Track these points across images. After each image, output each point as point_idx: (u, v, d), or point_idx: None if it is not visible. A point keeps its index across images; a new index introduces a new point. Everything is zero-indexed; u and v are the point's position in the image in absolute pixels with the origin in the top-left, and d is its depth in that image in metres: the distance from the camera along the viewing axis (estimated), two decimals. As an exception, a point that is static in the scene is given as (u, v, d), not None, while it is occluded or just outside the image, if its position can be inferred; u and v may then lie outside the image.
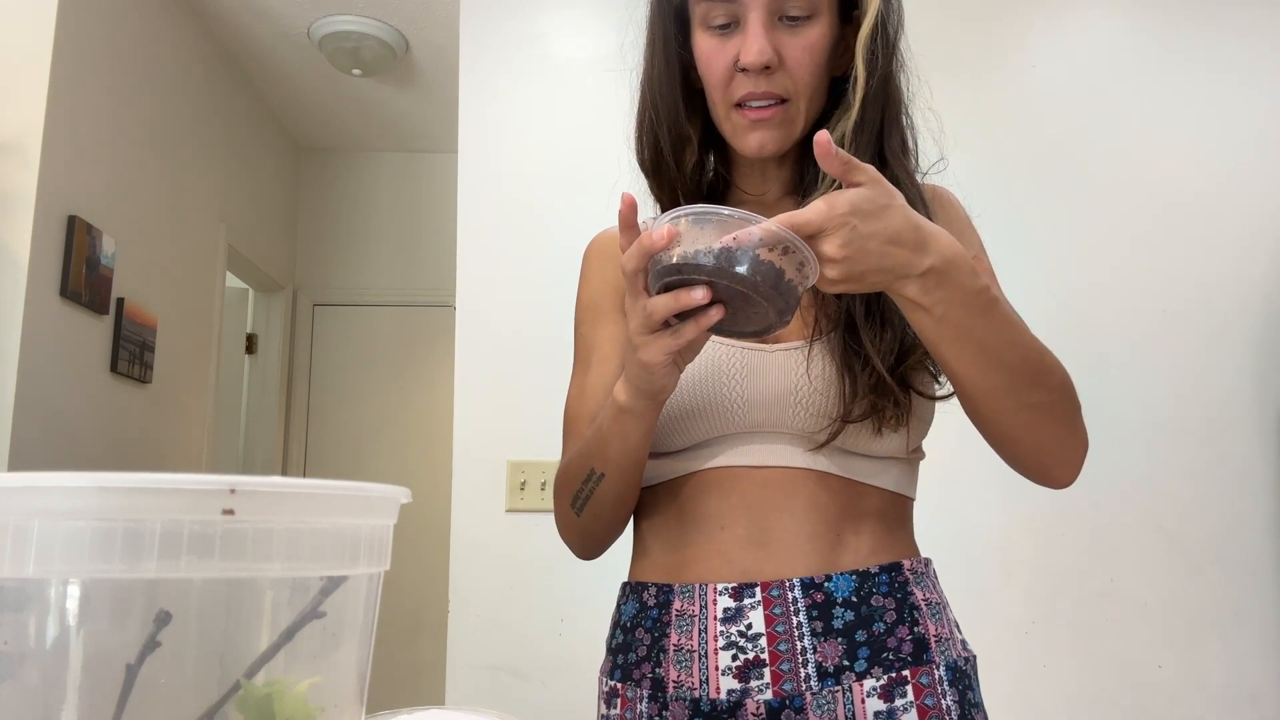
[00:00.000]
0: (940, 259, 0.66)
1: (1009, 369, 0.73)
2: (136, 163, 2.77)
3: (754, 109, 0.84)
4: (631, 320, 0.69)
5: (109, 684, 0.33)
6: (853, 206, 0.62)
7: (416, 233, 4.23)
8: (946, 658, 0.81)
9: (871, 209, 0.63)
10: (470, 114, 2.29)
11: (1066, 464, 0.80)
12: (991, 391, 0.74)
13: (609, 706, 0.88)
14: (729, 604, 0.80)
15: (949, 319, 0.68)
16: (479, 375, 2.18)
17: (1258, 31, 2.32)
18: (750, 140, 0.86)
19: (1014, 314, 0.74)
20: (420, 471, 3.91)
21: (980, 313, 0.69)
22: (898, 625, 0.80)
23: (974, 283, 0.68)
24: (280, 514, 0.35)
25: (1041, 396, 0.75)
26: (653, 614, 0.85)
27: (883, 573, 0.81)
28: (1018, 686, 2.09)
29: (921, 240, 0.65)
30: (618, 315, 0.92)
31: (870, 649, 0.79)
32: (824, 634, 0.78)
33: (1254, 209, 2.26)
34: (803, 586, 0.79)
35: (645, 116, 0.94)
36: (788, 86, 0.84)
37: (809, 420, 0.81)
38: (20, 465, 2.16)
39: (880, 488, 0.84)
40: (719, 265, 0.61)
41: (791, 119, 0.86)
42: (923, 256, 0.65)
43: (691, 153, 0.93)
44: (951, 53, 2.29)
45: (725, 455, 0.83)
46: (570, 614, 2.08)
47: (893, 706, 0.78)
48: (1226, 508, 2.16)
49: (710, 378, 0.82)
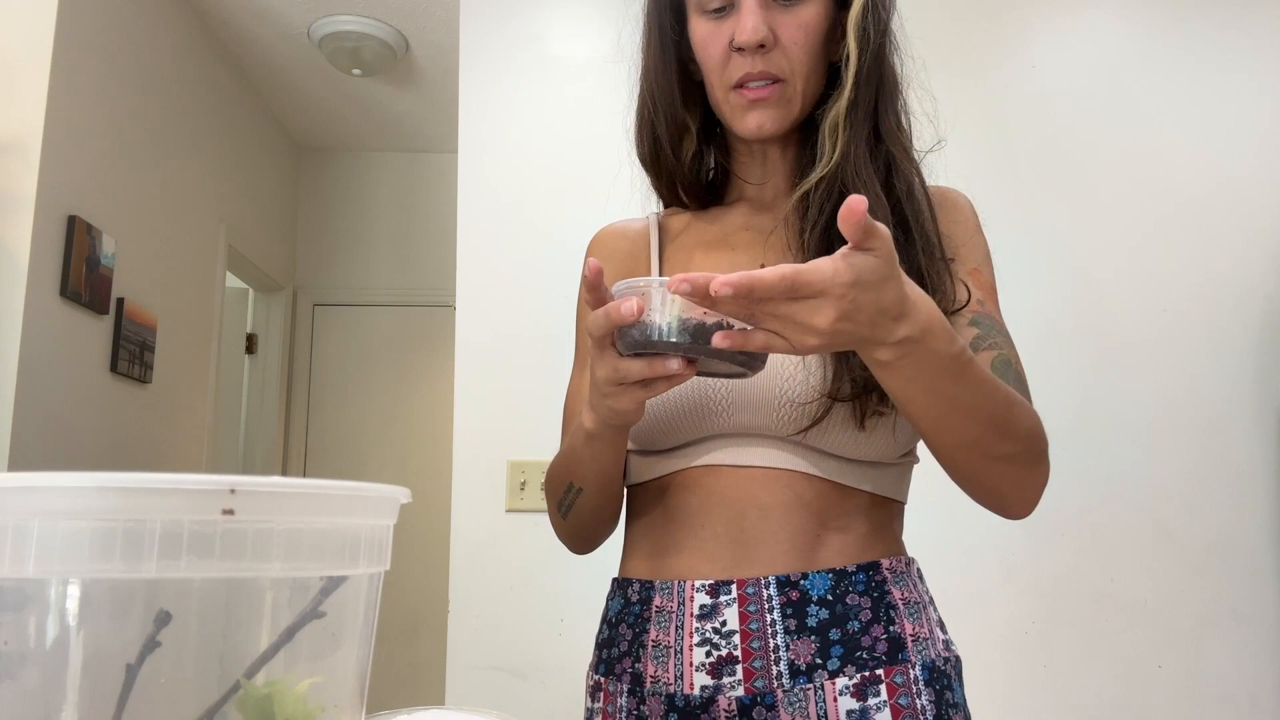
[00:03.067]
0: (916, 329, 0.63)
1: (976, 425, 0.72)
2: (136, 163, 2.77)
3: (751, 89, 0.85)
4: (599, 371, 0.69)
5: (109, 684, 0.33)
6: (856, 278, 0.59)
7: (416, 233, 4.23)
8: (924, 657, 0.80)
9: (873, 279, 0.60)
10: (470, 114, 2.29)
11: (1024, 502, 0.80)
12: (956, 446, 0.74)
13: (593, 700, 0.89)
14: (705, 601, 0.80)
15: (917, 381, 0.67)
16: (479, 375, 2.18)
17: (1258, 31, 2.32)
18: (749, 120, 0.87)
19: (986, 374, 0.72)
20: (420, 471, 3.91)
21: (951, 377, 0.68)
22: (873, 624, 0.80)
23: (948, 349, 0.66)
24: (280, 514, 0.35)
25: (1007, 449, 0.75)
26: (635, 610, 0.86)
27: (860, 571, 0.81)
28: (1017, 687, 2.09)
29: (904, 310, 0.63)
30: None
31: (844, 647, 0.78)
32: (797, 632, 0.78)
33: (1254, 209, 2.26)
34: (778, 584, 0.79)
35: (644, 109, 0.95)
36: (783, 66, 0.85)
37: (794, 423, 0.81)
38: (20, 465, 2.16)
39: (865, 490, 0.84)
40: (691, 342, 0.62)
41: (789, 99, 0.86)
42: (899, 326, 0.63)
43: (690, 142, 0.93)
44: (952, 53, 2.29)
45: (710, 455, 0.84)
46: (570, 614, 2.08)
47: (865, 705, 0.77)
48: (1226, 508, 2.16)
49: (696, 381, 0.82)
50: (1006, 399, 0.73)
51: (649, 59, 0.94)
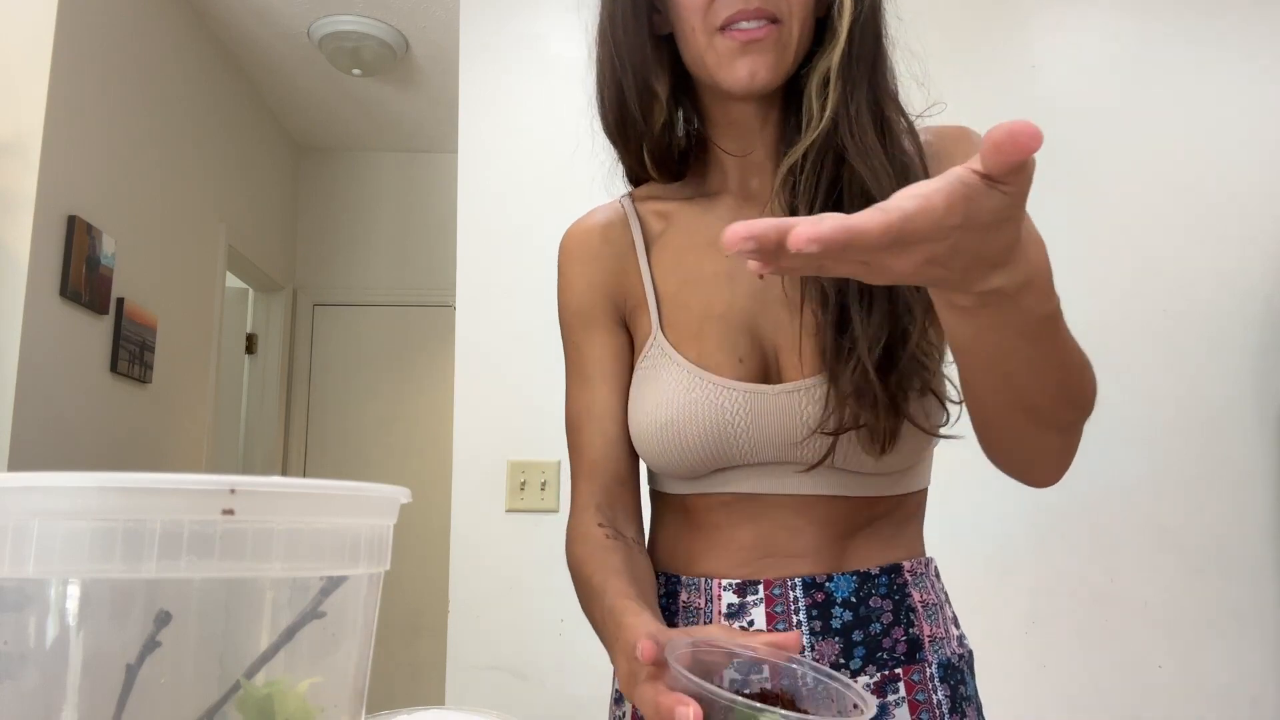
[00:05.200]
0: (1014, 280, 0.50)
1: (1044, 391, 0.61)
2: (136, 163, 2.77)
3: (744, 29, 0.75)
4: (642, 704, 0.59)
5: (109, 684, 0.33)
6: (967, 219, 0.44)
7: (416, 233, 4.23)
8: (939, 656, 0.81)
9: (988, 221, 0.45)
10: (470, 114, 2.29)
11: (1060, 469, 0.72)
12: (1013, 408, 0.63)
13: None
14: (733, 600, 0.81)
15: (990, 335, 0.55)
16: (479, 375, 2.18)
17: (1258, 31, 2.32)
18: (739, 68, 0.76)
19: (1069, 335, 0.60)
20: (420, 471, 3.91)
21: (1033, 339, 0.55)
22: (894, 627, 0.80)
23: (1042, 306, 0.53)
24: (280, 514, 0.35)
25: (1069, 416, 0.65)
26: (661, 602, 0.85)
27: (883, 574, 0.81)
28: (1018, 686, 2.09)
29: (1008, 258, 0.49)
30: (609, 322, 0.89)
31: (866, 649, 0.79)
32: (822, 633, 0.79)
33: (1254, 209, 2.26)
34: (804, 586, 0.80)
35: (606, 68, 0.84)
36: (781, 6, 0.75)
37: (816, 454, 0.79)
38: (20, 465, 2.16)
39: (891, 495, 0.83)
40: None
41: (785, 44, 0.76)
42: (995, 275, 0.49)
43: (660, 108, 0.83)
44: (952, 52, 2.28)
45: (735, 484, 0.82)
46: (570, 614, 2.07)
47: (884, 702, 0.78)
48: (1226, 508, 2.16)
49: (717, 423, 0.79)
50: (1082, 362, 0.62)
51: (612, 9, 0.83)
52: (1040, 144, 0.41)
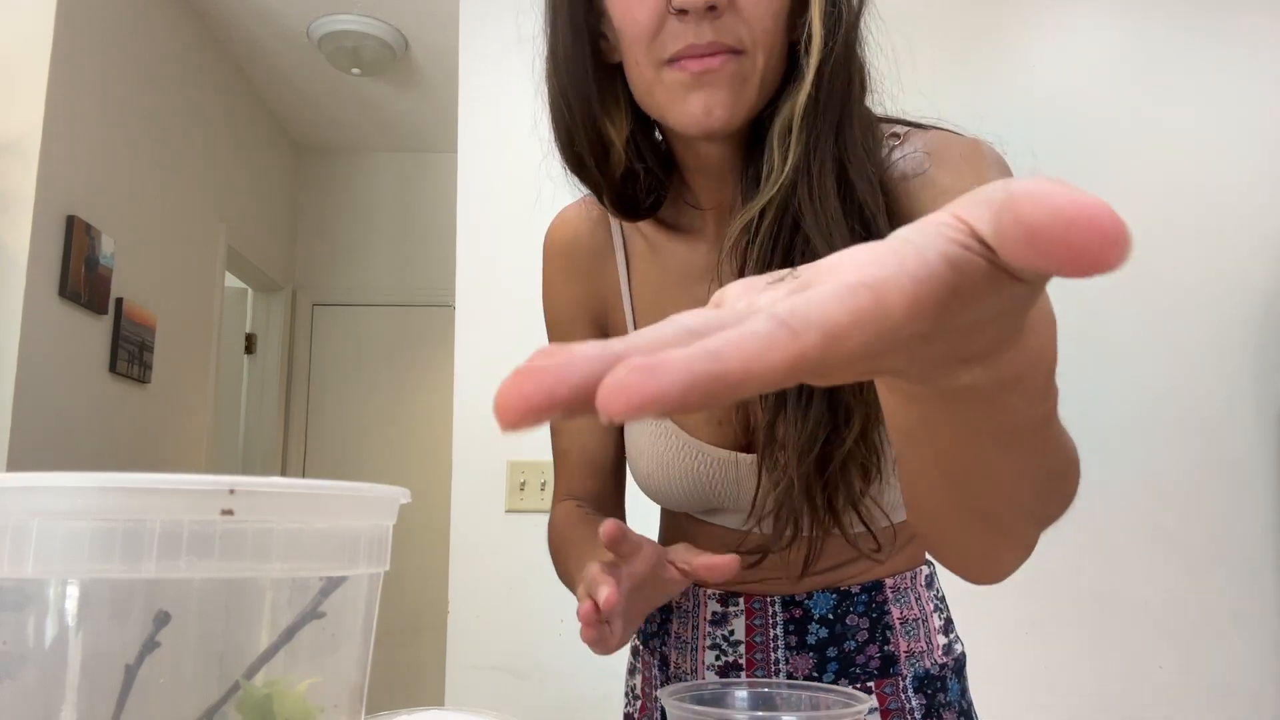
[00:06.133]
0: (990, 377, 0.32)
1: (1008, 505, 0.47)
2: (136, 163, 2.77)
3: (696, 60, 0.64)
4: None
5: (108, 684, 0.33)
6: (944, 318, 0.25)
7: (416, 233, 4.23)
8: (915, 669, 0.81)
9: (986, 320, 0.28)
10: (470, 114, 2.29)
11: (1005, 574, 0.60)
12: (959, 517, 0.49)
13: (635, 657, 0.92)
14: (716, 609, 0.83)
15: (944, 435, 0.39)
16: (479, 375, 2.18)
17: (1258, 31, 2.32)
18: (693, 104, 0.65)
19: (1059, 428, 0.47)
20: (420, 471, 3.91)
21: (1010, 444, 0.40)
22: (868, 644, 0.80)
23: (1032, 409, 0.38)
24: (280, 514, 0.35)
25: (1032, 528, 0.54)
26: None
27: (863, 592, 0.81)
28: (1017, 687, 2.09)
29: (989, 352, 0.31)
30: (590, 333, 0.87)
31: (839, 664, 0.80)
32: (798, 648, 0.80)
33: (1254, 209, 2.26)
34: (782, 602, 0.81)
35: (557, 108, 0.74)
36: (741, 35, 0.64)
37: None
38: (19, 465, 2.16)
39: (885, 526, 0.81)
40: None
41: (745, 77, 0.65)
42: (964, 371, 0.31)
43: (618, 155, 0.73)
44: (950, 53, 2.28)
45: (724, 519, 0.82)
46: (570, 614, 2.07)
47: None
48: (1226, 508, 2.16)
49: (697, 484, 0.78)
50: (1066, 464, 0.49)
51: (555, 41, 0.72)
52: (1126, 254, 0.21)
